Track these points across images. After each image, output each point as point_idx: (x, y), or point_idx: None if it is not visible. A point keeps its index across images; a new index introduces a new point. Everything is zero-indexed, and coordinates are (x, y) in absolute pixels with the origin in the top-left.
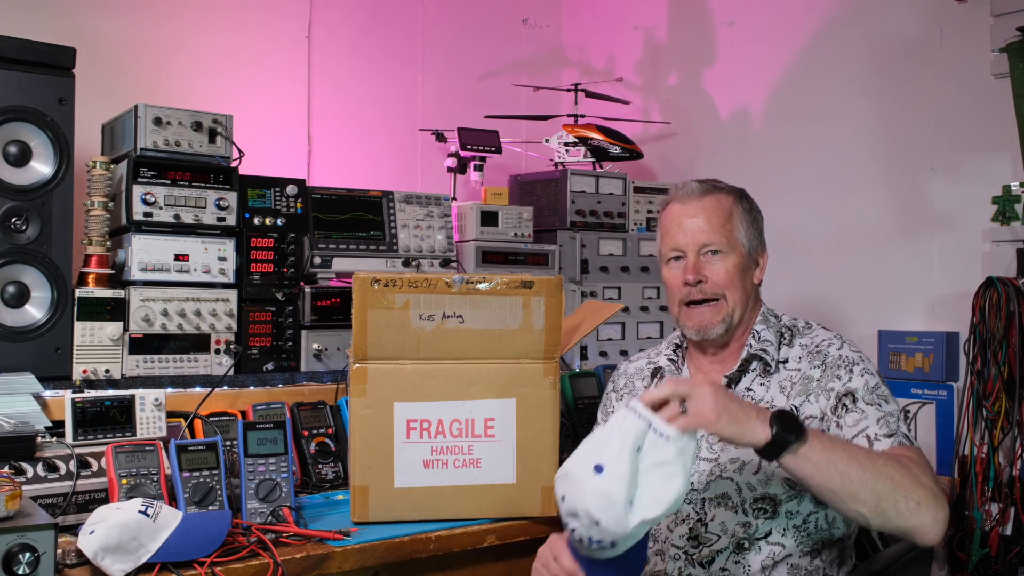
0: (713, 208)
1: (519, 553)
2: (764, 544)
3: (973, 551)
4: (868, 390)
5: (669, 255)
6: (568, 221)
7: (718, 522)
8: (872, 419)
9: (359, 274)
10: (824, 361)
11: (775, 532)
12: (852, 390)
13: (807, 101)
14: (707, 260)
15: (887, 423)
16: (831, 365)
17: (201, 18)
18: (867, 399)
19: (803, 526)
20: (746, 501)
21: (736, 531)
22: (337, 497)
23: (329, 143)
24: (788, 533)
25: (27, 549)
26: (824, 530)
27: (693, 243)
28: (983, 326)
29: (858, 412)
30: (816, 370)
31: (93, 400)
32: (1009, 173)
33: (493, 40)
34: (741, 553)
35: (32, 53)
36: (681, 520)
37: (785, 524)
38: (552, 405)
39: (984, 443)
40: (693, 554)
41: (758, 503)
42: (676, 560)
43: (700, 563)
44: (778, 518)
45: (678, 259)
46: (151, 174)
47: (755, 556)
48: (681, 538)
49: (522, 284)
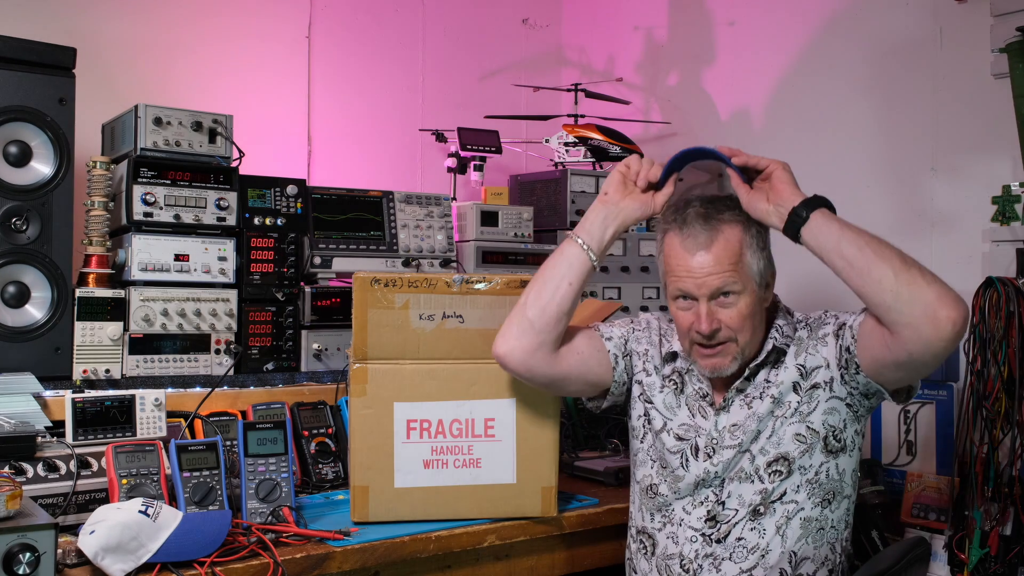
0: (723, 249)
1: (519, 553)
2: (779, 505)
3: (973, 551)
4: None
5: (677, 294)
6: (568, 221)
7: (735, 497)
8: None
9: (359, 274)
10: (807, 321)
11: (789, 491)
12: (841, 321)
13: (807, 101)
14: (720, 304)
15: None
16: (814, 320)
17: (201, 18)
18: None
19: (815, 479)
20: (760, 468)
21: (753, 500)
22: (337, 497)
23: (329, 143)
24: (801, 489)
25: (27, 549)
26: (835, 480)
27: (705, 289)
28: (983, 326)
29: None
30: (805, 331)
31: (93, 400)
32: (1009, 173)
33: (493, 40)
34: (757, 519)
35: (32, 53)
36: (699, 503)
37: (799, 480)
38: (552, 405)
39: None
40: (711, 534)
41: (772, 466)
42: (693, 543)
43: (717, 540)
44: (792, 475)
45: (686, 298)
46: (151, 174)
47: (770, 519)
48: (699, 520)
49: (522, 284)
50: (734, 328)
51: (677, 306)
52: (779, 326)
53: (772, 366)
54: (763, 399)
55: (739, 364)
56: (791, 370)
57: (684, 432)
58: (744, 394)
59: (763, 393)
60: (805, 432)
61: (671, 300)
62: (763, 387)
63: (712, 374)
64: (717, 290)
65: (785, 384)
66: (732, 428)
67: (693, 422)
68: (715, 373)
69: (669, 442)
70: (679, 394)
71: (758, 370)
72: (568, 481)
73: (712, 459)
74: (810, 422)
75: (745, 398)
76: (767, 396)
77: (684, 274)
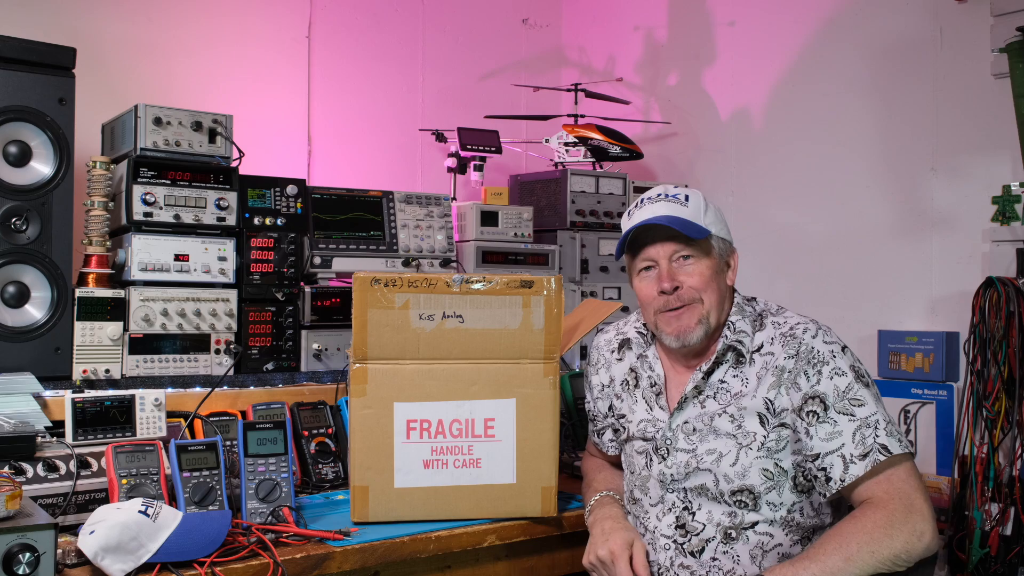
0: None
1: (519, 553)
2: (752, 534)
3: (973, 551)
4: (839, 395)
5: (640, 266)
6: (568, 221)
7: (704, 511)
8: (847, 434)
9: (359, 274)
10: (798, 350)
11: (761, 523)
12: (821, 395)
13: (807, 101)
14: (680, 266)
15: (862, 438)
16: (802, 357)
17: (201, 18)
18: (839, 407)
19: (789, 516)
20: (724, 493)
21: (722, 520)
22: (337, 497)
23: (329, 143)
24: (776, 524)
25: (27, 549)
26: (812, 517)
27: (664, 251)
28: (983, 326)
29: (830, 423)
30: (789, 360)
31: (93, 400)
32: (1009, 173)
33: (493, 40)
34: (729, 543)
35: (32, 53)
36: (667, 510)
37: (771, 516)
38: (552, 405)
39: (984, 443)
40: (683, 543)
41: (736, 495)
42: (667, 550)
43: (691, 553)
44: (761, 509)
45: (649, 269)
46: (151, 174)
47: (743, 546)
48: (669, 527)
49: (522, 284)
50: (697, 288)
51: (640, 279)
52: (732, 323)
53: (731, 366)
54: (716, 399)
55: (704, 332)
56: (757, 399)
57: (644, 430)
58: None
59: (717, 393)
60: (773, 469)
61: (636, 283)
62: (717, 387)
63: (678, 342)
64: (675, 252)
65: (746, 406)
66: (684, 425)
67: (651, 415)
68: (681, 340)
69: (637, 444)
70: (635, 389)
71: (713, 369)
72: (568, 481)
73: (667, 461)
74: (778, 459)
75: (698, 396)
76: (720, 398)
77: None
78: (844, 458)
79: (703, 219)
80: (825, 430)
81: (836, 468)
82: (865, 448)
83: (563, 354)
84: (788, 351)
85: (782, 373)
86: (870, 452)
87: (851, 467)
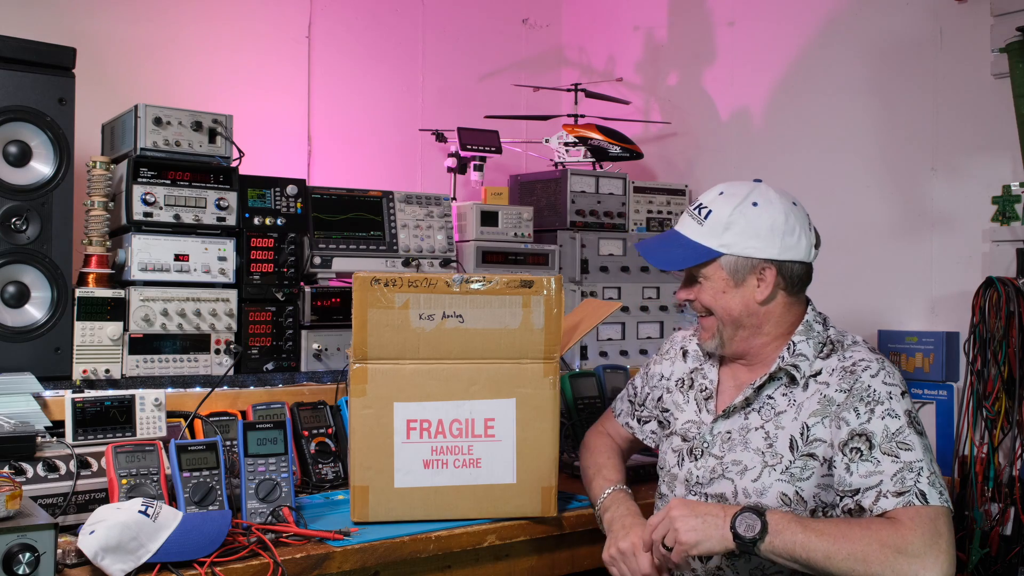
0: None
1: (519, 553)
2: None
3: (973, 551)
4: (887, 436)
5: None
6: (568, 221)
7: None
8: (888, 474)
9: (359, 274)
10: (852, 386)
11: None
12: (868, 433)
13: (807, 101)
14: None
15: (901, 479)
16: (855, 393)
17: (201, 18)
18: (885, 447)
19: None
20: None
21: None
22: (337, 497)
23: (329, 143)
24: None
25: (27, 549)
26: None
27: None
28: (983, 326)
29: (872, 462)
30: (841, 394)
31: (93, 400)
32: (1009, 173)
33: (493, 40)
34: (732, 557)
35: (32, 53)
36: None
37: None
38: (552, 405)
39: (984, 443)
40: None
41: None
42: None
43: (699, 557)
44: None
45: None
46: (151, 174)
47: (744, 564)
48: None
49: (522, 284)
50: (706, 304)
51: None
52: (793, 343)
53: (783, 384)
54: (760, 413)
55: (718, 344)
56: (796, 423)
57: (687, 430)
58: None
59: (762, 408)
60: (792, 496)
61: None
62: (764, 401)
63: (703, 347)
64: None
65: (784, 426)
66: (724, 434)
67: (699, 418)
68: (703, 346)
69: (675, 442)
70: (688, 389)
71: (763, 386)
72: (568, 481)
73: (697, 463)
74: (800, 487)
75: (745, 408)
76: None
77: None
78: (878, 492)
79: (720, 237)
80: (866, 468)
81: (866, 500)
82: (903, 487)
83: (563, 354)
84: (843, 385)
85: (829, 405)
86: (906, 493)
87: (881, 500)
